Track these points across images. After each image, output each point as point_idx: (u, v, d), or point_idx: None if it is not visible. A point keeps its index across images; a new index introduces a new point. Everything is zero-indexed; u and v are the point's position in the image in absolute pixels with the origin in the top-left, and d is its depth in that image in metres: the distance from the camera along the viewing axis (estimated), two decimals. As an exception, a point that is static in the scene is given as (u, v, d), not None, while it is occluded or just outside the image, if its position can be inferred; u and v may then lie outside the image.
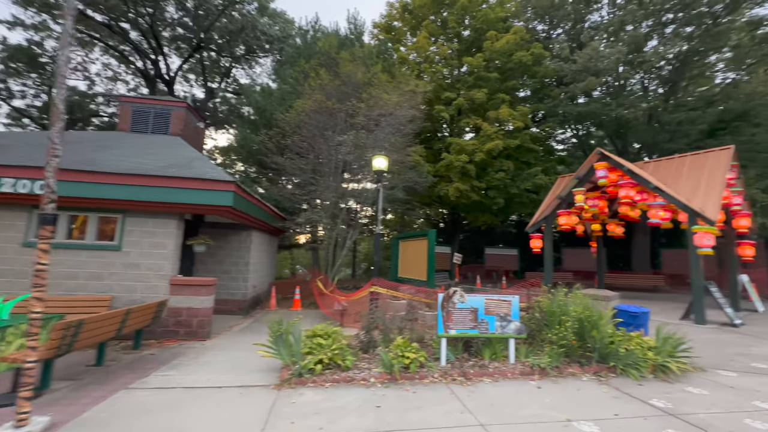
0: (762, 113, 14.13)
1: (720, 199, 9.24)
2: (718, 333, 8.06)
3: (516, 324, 5.39)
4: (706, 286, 9.30)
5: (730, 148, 10.50)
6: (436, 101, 16.84)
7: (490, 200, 16.85)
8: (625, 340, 5.44)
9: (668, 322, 9.23)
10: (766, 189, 13.74)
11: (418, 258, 9.66)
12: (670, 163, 11.62)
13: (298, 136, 11.63)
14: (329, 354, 4.94)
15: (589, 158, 11.36)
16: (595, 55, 13.58)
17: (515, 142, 15.56)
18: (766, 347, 6.77)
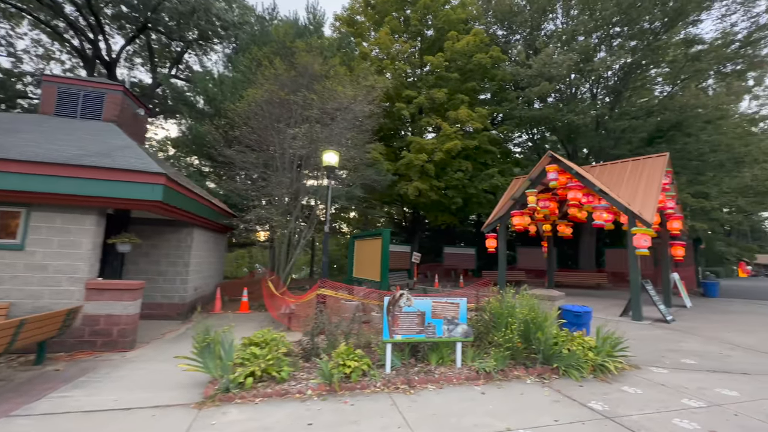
0: (693, 124, 15.40)
1: (656, 203, 9.81)
2: (652, 329, 8.53)
3: (463, 327, 5.26)
4: (642, 284, 9.85)
5: (665, 155, 11.23)
6: (398, 99, 16.68)
7: (449, 200, 17.00)
8: (568, 341, 5.49)
9: (609, 318, 9.70)
10: (695, 194, 14.96)
11: (373, 258, 9.38)
12: (614, 168, 12.24)
13: (248, 128, 10.91)
14: (263, 365, 4.50)
15: (541, 161, 11.68)
16: (548, 61, 14.09)
17: (473, 143, 15.78)
18: (693, 342, 7.20)
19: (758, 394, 4.48)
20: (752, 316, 10.61)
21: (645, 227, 9.42)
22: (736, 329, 8.61)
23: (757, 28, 14.60)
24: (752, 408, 4.07)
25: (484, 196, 17.40)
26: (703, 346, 6.99)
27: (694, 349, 6.67)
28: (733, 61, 15.59)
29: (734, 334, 8.05)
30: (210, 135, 11.57)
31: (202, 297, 10.73)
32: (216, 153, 11.65)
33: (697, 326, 8.96)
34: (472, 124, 15.44)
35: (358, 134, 12.37)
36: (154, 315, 8.82)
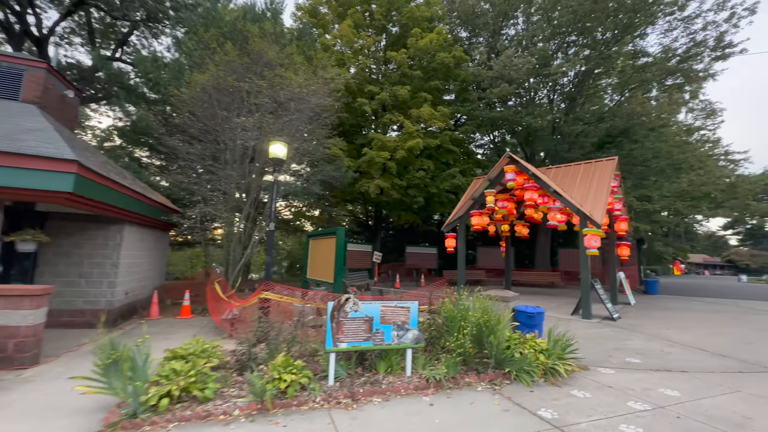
0: (639, 132, 16.36)
1: (606, 205, 10.14)
2: (600, 327, 8.76)
3: (414, 332, 4.94)
4: (592, 283, 10.15)
5: (614, 159, 11.70)
6: (360, 94, 16.24)
7: (410, 199, 16.84)
8: (520, 344, 5.35)
9: (561, 317, 9.89)
10: (640, 197, 15.86)
11: (327, 258, 8.90)
12: (567, 170, 12.60)
13: (192, 116, 10.00)
14: (182, 383, 3.90)
15: (500, 161, 11.75)
16: (509, 63, 14.32)
17: (435, 142, 15.71)
18: (636, 340, 7.42)
19: (697, 393, 4.55)
20: (688, 313, 11.32)
21: (595, 228, 9.70)
22: (674, 326, 9.06)
23: (694, 44, 15.73)
24: (693, 409, 4.08)
25: (445, 196, 17.42)
26: (646, 343, 7.20)
27: (638, 348, 6.84)
28: (673, 75, 16.71)
29: (673, 331, 8.44)
30: (147, 121, 10.48)
31: (138, 301, 9.69)
32: (156, 143, 10.59)
33: (640, 323, 9.35)
34: (434, 123, 15.36)
35: (316, 128, 11.79)
36: (74, 323, 7.78)
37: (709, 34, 15.65)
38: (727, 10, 14.68)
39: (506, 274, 16.10)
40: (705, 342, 7.32)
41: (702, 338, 7.69)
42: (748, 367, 5.70)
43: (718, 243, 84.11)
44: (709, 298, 15.99)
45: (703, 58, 16.36)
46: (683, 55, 16.45)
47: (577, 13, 14.46)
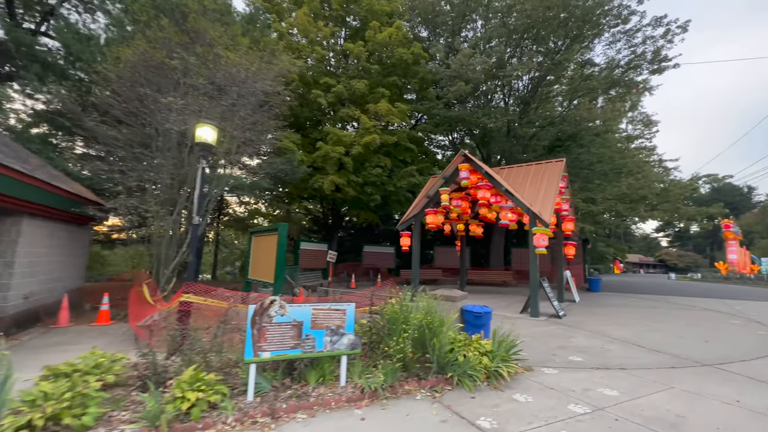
0: (585, 137, 17.19)
1: (554, 204, 10.34)
2: (547, 325, 8.84)
3: (350, 337, 4.48)
4: (540, 282, 10.29)
5: (563, 160, 12.03)
6: (316, 86, 15.53)
7: (367, 196, 16.40)
8: (465, 346, 5.08)
9: (510, 316, 9.92)
10: (585, 199, 16.61)
11: (269, 256, 8.19)
12: (519, 171, 12.81)
13: (118, 96, 8.83)
14: (51, 409, 3.14)
15: (455, 159, 11.64)
16: (466, 62, 14.38)
17: (393, 139, 15.40)
18: (580, 338, 7.50)
19: (634, 392, 4.50)
20: (626, 309, 11.89)
21: (544, 227, 9.83)
22: (614, 322, 9.38)
23: (635, 56, 16.77)
24: (630, 409, 3.99)
25: (403, 195, 17.20)
26: (588, 340, 7.29)
27: (580, 345, 6.88)
28: (616, 85, 17.72)
29: (613, 327, 8.70)
30: (61, 99, 9.13)
31: (44, 306, 8.38)
32: (73, 125, 9.26)
33: (583, 320, 9.59)
34: (391, 119, 15.05)
35: (264, 117, 10.98)
36: (-49, 334, 6.46)
37: (647, 47, 16.75)
38: (663, 26, 15.78)
39: (461, 274, 16.17)
40: (641, 338, 7.56)
41: (639, 334, 7.96)
42: (680, 362, 5.86)
43: (652, 244, 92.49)
44: (644, 294, 17.11)
45: (642, 70, 17.49)
46: (625, 67, 17.47)
47: (531, 17, 14.84)
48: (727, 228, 44.67)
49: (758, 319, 10.37)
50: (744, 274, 37.87)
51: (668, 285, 27.93)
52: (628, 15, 16.11)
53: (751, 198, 73.06)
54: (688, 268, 67.06)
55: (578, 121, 16.72)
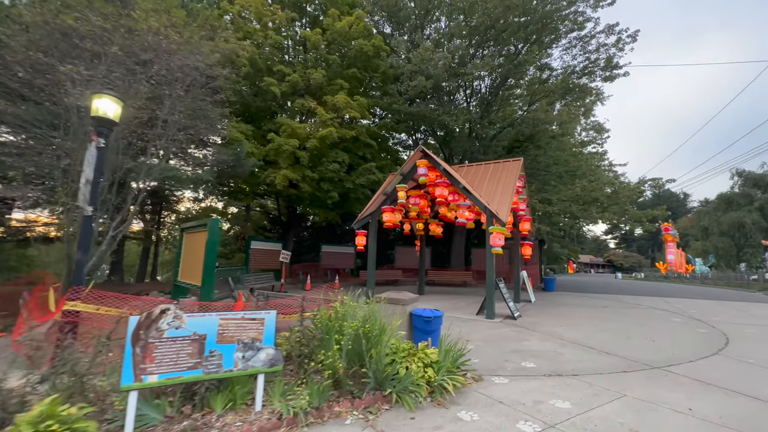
0: (542, 138, 17.49)
1: (511, 204, 10.14)
2: (502, 327, 8.55)
3: (268, 352, 3.74)
4: (496, 282, 10.04)
5: (520, 160, 11.94)
6: (269, 74, 14.48)
7: (324, 193, 15.57)
8: (408, 356, 4.52)
9: (466, 318, 9.57)
10: (542, 200, 16.86)
11: (198, 256, 7.20)
12: (478, 169, 12.59)
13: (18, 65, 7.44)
14: None
15: (413, 156, 11.17)
16: (426, 56, 14.04)
17: (351, 133, 14.70)
18: (533, 340, 7.22)
19: (586, 403, 4.14)
20: (578, 309, 12.00)
21: (500, 226, 9.58)
22: (567, 323, 9.30)
23: (589, 62, 17.29)
24: (583, 425, 3.59)
25: (362, 192, 16.55)
26: (541, 343, 7.02)
27: (534, 349, 6.57)
28: (572, 91, 18.21)
29: (565, 328, 8.57)
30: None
31: None
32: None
33: (538, 321, 9.43)
34: (349, 112, 14.34)
35: (205, 102, 9.90)
36: None
37: (601, 55, 17.32)
38: (615, 34, 16.36)
39: (420, 274, 15.77)
40: (592, 339, 7.43)
41: (590, 335, 7.85)
42: (630, 365, 5.67)
43: (601, 246, 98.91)
44: (595, 294, 17.67)
45: (596, 77, 18.09)
46: (580, 73, 17.99)
47: (492, 17, 14.77)
48: (666, 231, 48.33)
49: (697, 316, 10.78)
50: (681, 273, 41.04)
51: (615, 284, 29.53)
52: (583, 22, 16.56)
53: (686, 204, 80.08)
54: (632, 268, 72.14)
55: (536, 122, 16.96)
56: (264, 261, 16.67)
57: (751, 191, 42.02)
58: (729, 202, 43.27)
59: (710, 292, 20.77)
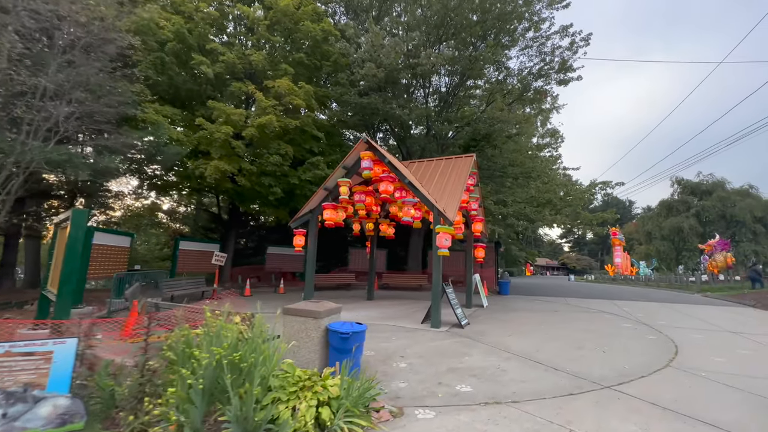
0: (498, 138, 17.15)
1: (459, 202, 9.34)
2: (445, 338, 7.64)
3: (58, 403, 2.45)
4: (443, 287, 9.17)
5: (472, 156, 11.24)
6: (202, 52, 12.81)
7: (266, 189, 14.06)
8: (303, 390, 3.37)
9: (409, 327, 8.59)
10: (498, 201, 16.42)
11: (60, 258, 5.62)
12: (429, 165, 11.76)
13: None
14: None
15: (356, 146, 10.09)
16: (377, 41, 13.08)
17: (295, 123, 13.35)
18: (476, 355, 6.35)
19: (524, 447, 3.21)
20: (530, 314, 11.45)
21: (447, 226, 8.72)
22: (517, 330, 8.59)
23: (544, 63, 17.20)
24: (514, 489, 2.62)
25: (309, 189, 15.22)
26: (484, 358, 6.16)
27: (474, 366, 5.67)
28: (528, 90, 18.06)
29: (514, 338, 7.83)
30: None
31: None
32: None
33: (486, 329, 8.65)
34: (293, 100, 13.00)
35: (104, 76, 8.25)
36: None
37: (556, 57, 17.27)
38: (569, 36, 16.34)
39: (369, 278, 14.70)
40: (541, 350, 6.70)
41: (539, 345, 7.13)
42: (578, 384, 4.89)
43: (557, 249, 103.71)
44: (547, 297, 17.49)
45: (551, 80, 18.05)
46: (536, 74, 17.88)
47: (447, 6, 14.08)
48: (614, 235, 50.97)
49: (645, 320, 10.55)
50: (627, 275, 43.25)
51: (568, 286, 30.16)
52: (539, 22, 16.39)
53: (631, 210, 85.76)
54: (584, 270, 75.87)
55: (492, 121, 16.55)
56: (196, 264, 14.85)
57: (689, 198, 45.26)
58: (669, 208, 46.33)
59: (654, 294, 21.48)
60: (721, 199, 41.46)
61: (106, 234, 10.69)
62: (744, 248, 36.61)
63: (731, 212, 40.22)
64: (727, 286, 22.97)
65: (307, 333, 5.01)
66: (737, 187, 44.08)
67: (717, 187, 43.53)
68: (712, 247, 28.41)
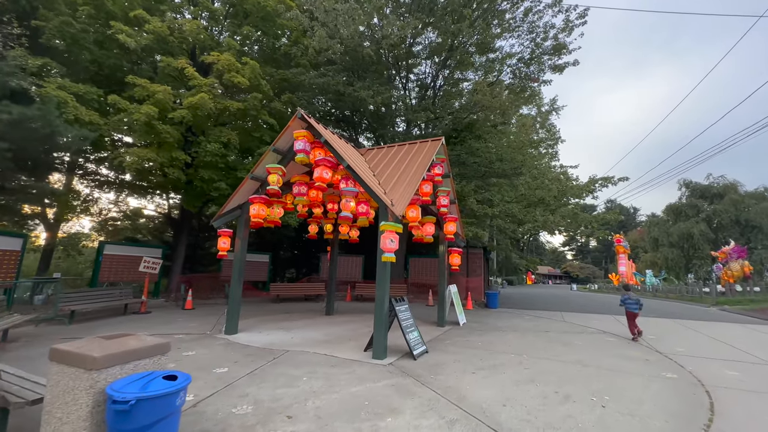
0: (482, 127, 15.06)
1: (414, 192, 7.20)
2: (381, 377, 5.43)
3: None
4: (391, 304, 6.99)
5: (440, 139, 9.13)
6: (125, 21, 10.86)
7: (206, 184, 11.96)
8: None
9: (343, 358, 6.36)
10: (482, 200, 14.24)
11: None
12: (389, 150, 9.68)
13: None
14: None
15: (289, 123, 8.00)
16: (329, 6, 11.04)
17: (237, 105, 11.30)
18: (410, 411, 4.14)
19: None
20: (512, 335, 9.20)
21: (394, 222, 6.58)
22: (486, 364, 6.36)
23: (537, 47, 15.17)
24: None
25: (263, 185, 13.11)
26: (418, 418, 3.96)
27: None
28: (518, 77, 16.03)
29: (479, 376, 5.62)
30: None
31: None
32: None
33: (446, 361, 6.44)
34: (235, 78, 10.98)
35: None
36: None
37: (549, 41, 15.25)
38: (563, 12, 14.31)
39: (328, 291, 12.50)
40: (509, 401, 4.49)
41: (509, 390, 4.93)
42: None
43: (560, 257, 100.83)
44: (541, 311, 15.19)
45: (545, 67, 16.01)
46: (528, 60, 15.88)
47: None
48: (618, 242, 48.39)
49: (659, 347, 8.29)
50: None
51: (568, 297, 27.67)
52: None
53: (635, 217, 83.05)
54: (587, 279, 72.98)
55: (475, 108, 14.42)
56: (127, 271, 12.74)
57: (698, 202, 42.77)
58: (678, 213, 43.81)
59: (664, 307, 19.10)
60: (734, 202, 38.96)
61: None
62: (760, 255, 34.00)
63: (746, 216, 37.69)
64: (747, 299, 20.52)
65: (74, 396, 2.86)
66: (751, 189, 41.60)
67: (729, 190, 41.05)
68: (727, 254, 25.97)
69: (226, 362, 6.04)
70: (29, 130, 8.45)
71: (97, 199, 17.97)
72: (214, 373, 5.40)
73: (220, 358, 6.28)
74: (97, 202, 18.19)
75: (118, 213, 19.69)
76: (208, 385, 4.85)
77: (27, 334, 7.93)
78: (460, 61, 15.92)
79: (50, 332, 8.25)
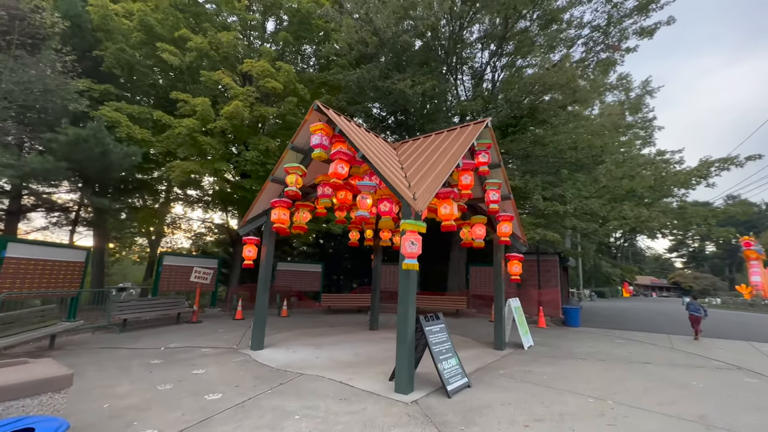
0: (547, 111, 12.69)
1: (439, 184, 5.78)
2: (396, 423, 4.11)
3: None
4: (419, 323, 5.61)
5: (484, 121, 7.53)
6: (171, 42, 11.42)
7: (249, 193, 11.90)
8: None
9: (360, 390, 5.16)
10: (552, 197, 11.92)
11: None
12: (425, 140, 8.39)
13: None
14: None
15: (307, 117, 7.24)
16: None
17: (272, 111, 11.05)
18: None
19: None
20: (594, 368, 7.00)
21: (414, 220, 5.27)
22: (548, 411, 4.60)
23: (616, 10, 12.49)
24: None
25: (305, 191, 12.74)
26: None
27: None
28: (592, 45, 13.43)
29: (533, 431, 3.95)
30: None
31: None
32: None
33: (488, 404, 4.83)
34: (269, 84, 10.76)
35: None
36: None
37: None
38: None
39: (373, 301, 11.46)
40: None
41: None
42: None
43: (665, 265, 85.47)
44: (638, 332, 12.06)
45: (627, 31, 13.18)
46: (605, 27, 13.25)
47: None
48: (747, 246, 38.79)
49: (839, 398, 5.43)
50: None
51: (679, 314, 22.40)
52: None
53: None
54: (705, 291, 60.35)
55: (538, 85, 12.21)
56: (184, 281, 13.32)
57: None
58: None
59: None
60: None
61: (37, 247, 9.24)
62: None
63: None
64: None
65: None
66: None
67: None
68: None
69: (226, 386, 5.31)
70: (85, 150, 9.05)
71: (187, 217, 19.85)
72: (201, 401, 4.65)
73: (223, 381, 5.58)
74: (187, 219, 20.10)
75: (204, 228, 21.56)
76: (181, 420, 4.07)
77: (76, 342, 8.29)
78: (518, 46, 13.93)
79: (99, 340, 8.56)
